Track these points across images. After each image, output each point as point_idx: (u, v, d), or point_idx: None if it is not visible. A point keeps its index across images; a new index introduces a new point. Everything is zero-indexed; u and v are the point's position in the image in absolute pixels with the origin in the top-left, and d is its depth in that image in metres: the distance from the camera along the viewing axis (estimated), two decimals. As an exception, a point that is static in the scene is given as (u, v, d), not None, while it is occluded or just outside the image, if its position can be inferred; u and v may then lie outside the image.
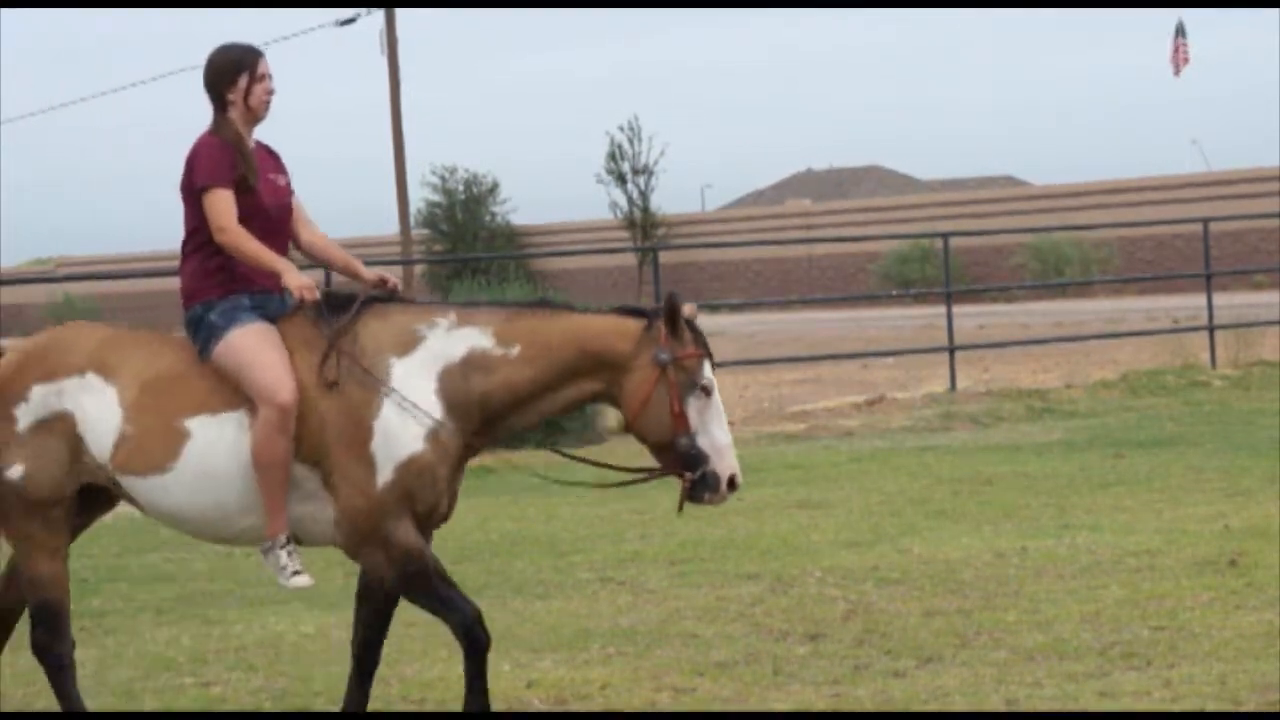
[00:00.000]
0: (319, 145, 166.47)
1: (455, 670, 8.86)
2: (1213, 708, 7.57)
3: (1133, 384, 22.35)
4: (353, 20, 49.60)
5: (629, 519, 13.47)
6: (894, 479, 15.25)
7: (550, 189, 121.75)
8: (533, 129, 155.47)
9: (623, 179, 62.34)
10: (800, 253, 59.64)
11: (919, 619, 9.54)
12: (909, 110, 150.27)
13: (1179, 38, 48.43)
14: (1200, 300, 26.23)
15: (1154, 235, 51.80)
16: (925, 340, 30.53)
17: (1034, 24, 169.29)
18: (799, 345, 33.40)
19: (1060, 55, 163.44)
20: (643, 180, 62.27)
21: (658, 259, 23.87)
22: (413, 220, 54.40)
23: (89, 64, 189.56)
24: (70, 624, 7.56)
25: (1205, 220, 26.19)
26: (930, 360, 26.26)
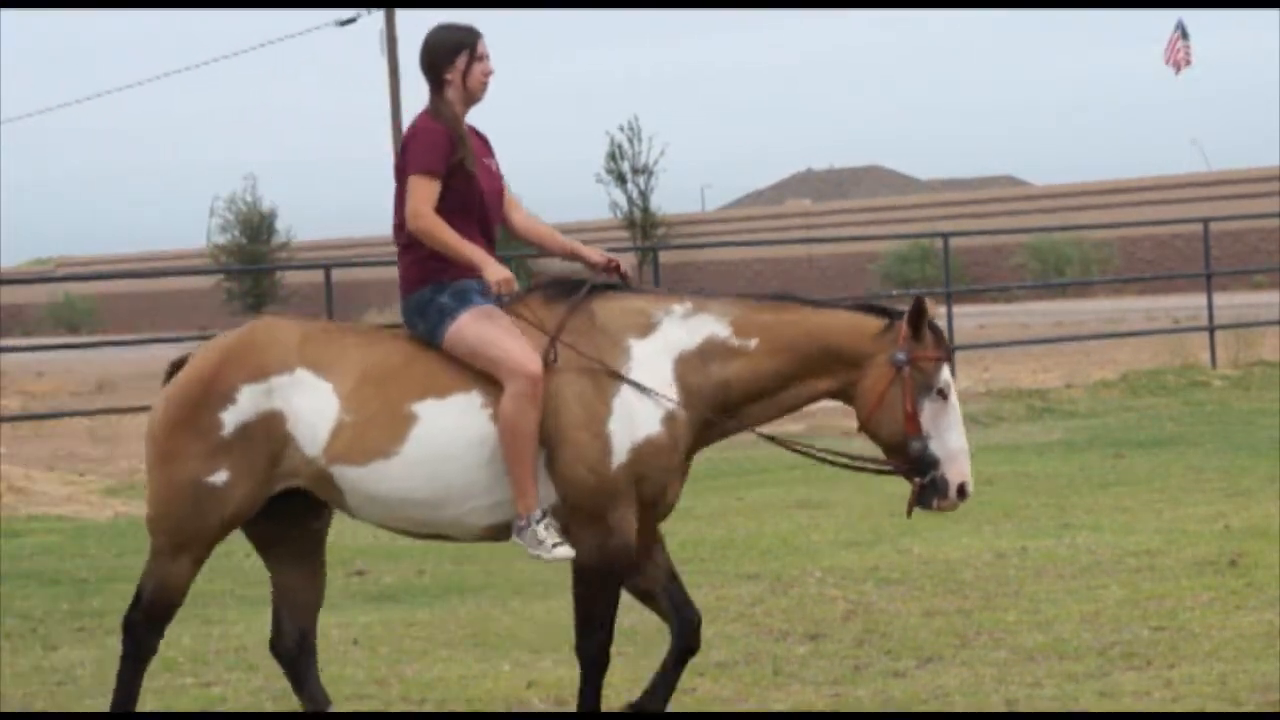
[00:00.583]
0: (319, 145, 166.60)
1: (455, 670, 8.87)
2: (1213, 708, 7.57)
3: (1133, 384, 22.34)
4: (353, 20, 49.75)
5: (629, 519, 13.44)
6: (894, 479, 15.14)
7: (550, 189, 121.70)
8: (532, 129, 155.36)
9: (622, 179, 62.24)
10: (800, 253, 59.61)
11: (919, 619, 9.54)
12: (909, 110, 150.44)
13: (1180, 38, 48.35)
14: (1200, 300, 26.21)
15: (1154, 235, 51.77)
16: (925, 340, 30.42)
17: (1034, 24, 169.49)
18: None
19: (1060, 55, 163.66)
20: (642, 180, 62.17)
21: (658, 259, 23.92)
22: (413, 220, 54.40)
23: (89, 64, 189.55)
24: (170, 624, 7.31)
25: (1205, 220, 26.18)
26: (930, 360, 26.16)
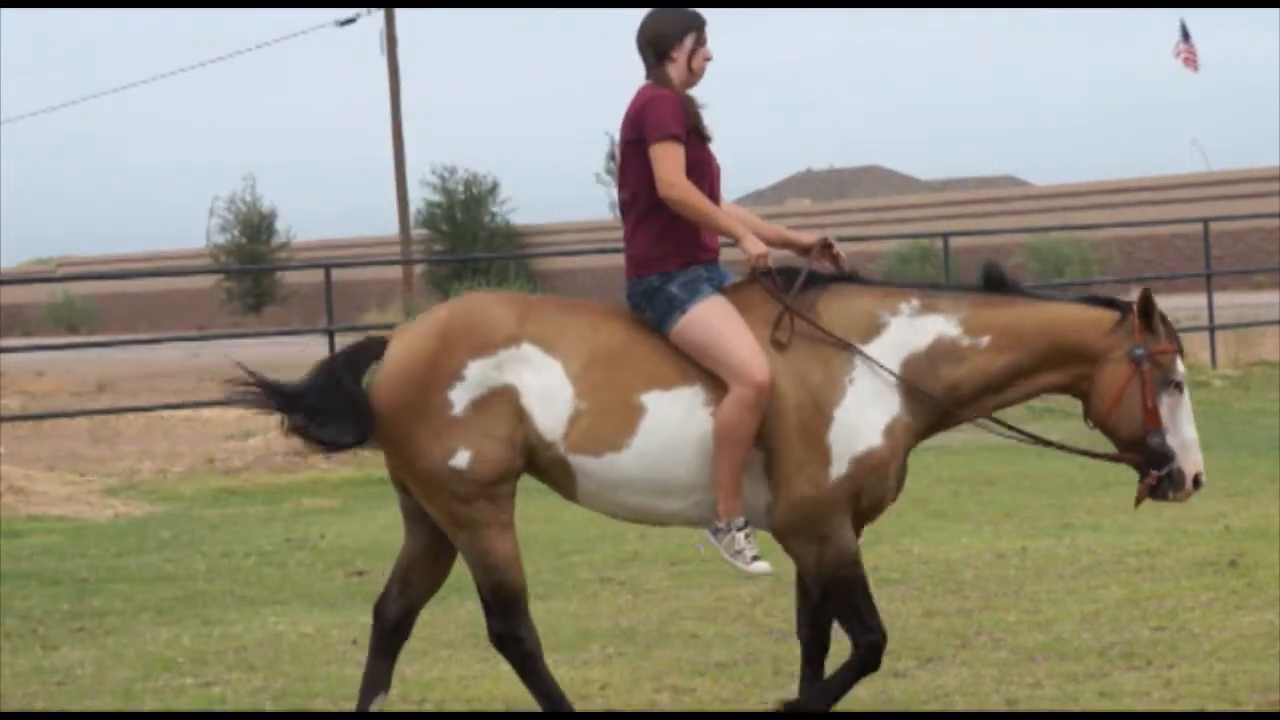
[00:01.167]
0: (319, 145, 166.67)
1: (455, 670, 8.86)
2: (1213, 708, 7.57)
3: (1133, 384, 22.31)
4: (353, 20, 49.74)
5: (629, 519, 13.45)
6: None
7: (550, 189, 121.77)
8: (533, 129, 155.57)
9: (623, 179, 62.28)
10: (800, 253, 59.59)
11: (919, 619, 9.54)
12: (909, 110, 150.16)
13: (1181, 40, 48.32)
14: (1200, 300, 26.19)
15: (1154, 235, 51.77)
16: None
17: (1034, 24, 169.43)
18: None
19: (1060, 55, 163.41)
20: (643, 180, 62.21)
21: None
22: (412, 220, 54.45)
23: (89, 64, 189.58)
24: (529, 607, 7.10)
25: (1205, 220, 26.18)
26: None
